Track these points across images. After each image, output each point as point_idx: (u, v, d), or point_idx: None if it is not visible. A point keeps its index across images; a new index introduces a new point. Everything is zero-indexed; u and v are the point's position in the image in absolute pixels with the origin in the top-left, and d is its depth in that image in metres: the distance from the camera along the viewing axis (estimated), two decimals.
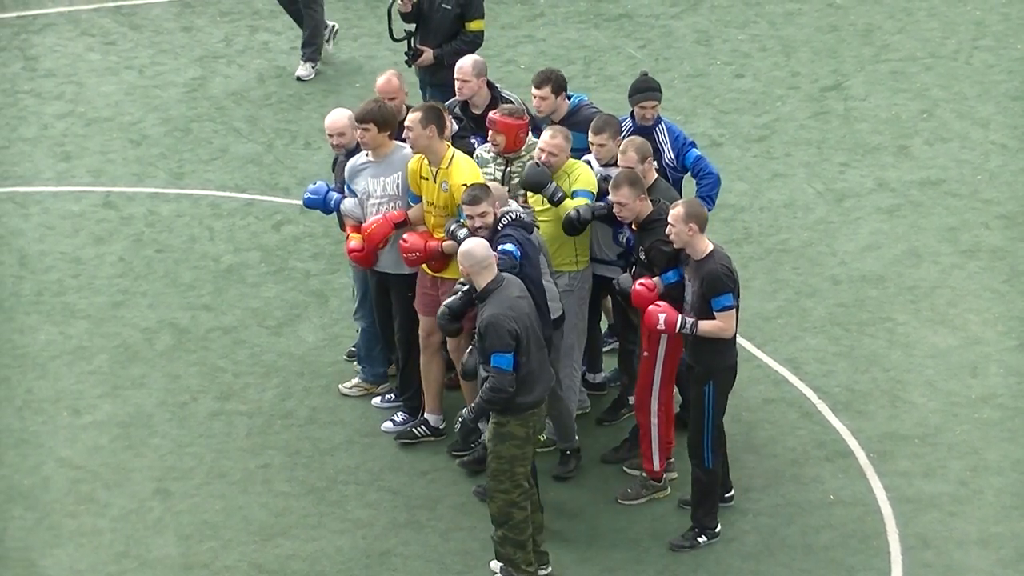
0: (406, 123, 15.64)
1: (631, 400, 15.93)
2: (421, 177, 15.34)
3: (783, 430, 15.96)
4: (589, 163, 16.23)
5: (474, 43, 20.11)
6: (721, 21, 24.15)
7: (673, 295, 14.81)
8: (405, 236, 15.61)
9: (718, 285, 14.64)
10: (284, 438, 16.33)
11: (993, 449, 16.17)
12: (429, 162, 15.36)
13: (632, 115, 16.65)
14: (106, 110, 22.15)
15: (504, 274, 14.41)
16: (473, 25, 20.26)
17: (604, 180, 15.93)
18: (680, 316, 14.43)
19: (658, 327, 14.74)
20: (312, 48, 22.77)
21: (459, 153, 15.76)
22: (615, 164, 15.66)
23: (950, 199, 20.24)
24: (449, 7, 20.09)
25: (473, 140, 16.66)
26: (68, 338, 17.47)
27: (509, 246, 14.83)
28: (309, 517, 15.34)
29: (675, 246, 14.76)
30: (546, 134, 15.61)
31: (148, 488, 15.40)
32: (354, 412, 16.71)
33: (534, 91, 16.68)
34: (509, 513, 14.28)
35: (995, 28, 24.02)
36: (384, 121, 15.80)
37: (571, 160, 15.72)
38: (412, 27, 20.52)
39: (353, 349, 17.32)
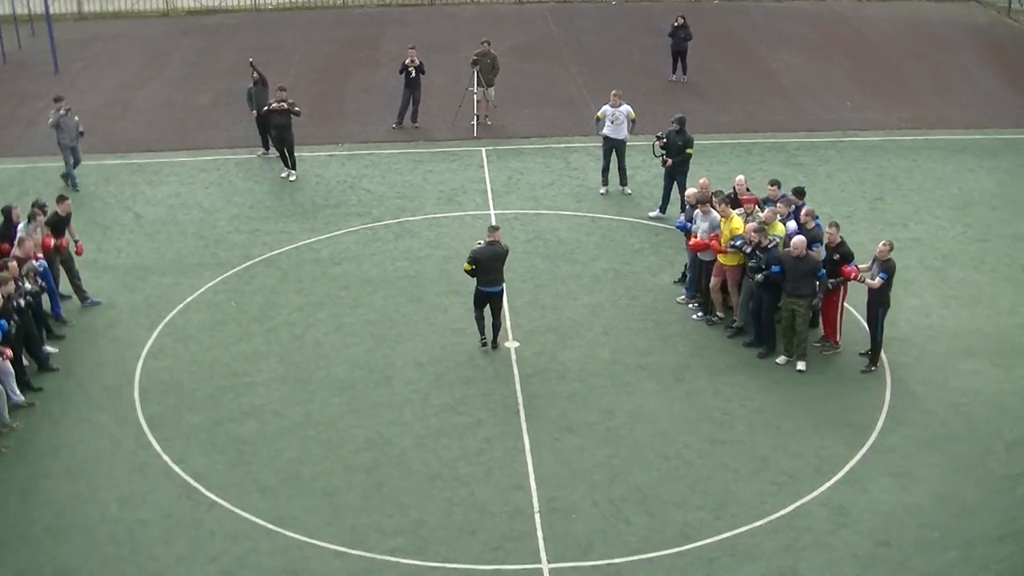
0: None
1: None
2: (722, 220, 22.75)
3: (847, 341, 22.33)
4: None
5: (689, 158, 27.73)
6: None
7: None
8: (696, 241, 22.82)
9: (889, 267, 21.19)
10: (668, 319, 23.74)
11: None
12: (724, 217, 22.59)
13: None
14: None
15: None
16: (689, 150, 27.79)
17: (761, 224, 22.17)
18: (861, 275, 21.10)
19: (854, 277, 21.37)
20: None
21: (735, 215, 22.75)
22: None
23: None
24: (681, 142, 27.48)
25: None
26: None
27: (776, 268, 21.56)
28: (665, 346, 22.91)
29: (878, 254, 21.04)
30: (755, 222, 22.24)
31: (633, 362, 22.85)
32: (685, 313, 24.09)
33: (768, 186, 24.14)
34: None
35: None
36: (707, 202, 23.09)
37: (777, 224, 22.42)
38: (663, 152, 27.66)
39: (677, 280, 24.44)
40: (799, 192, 24.02)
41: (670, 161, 27.92)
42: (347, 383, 22.22)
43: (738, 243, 22.42)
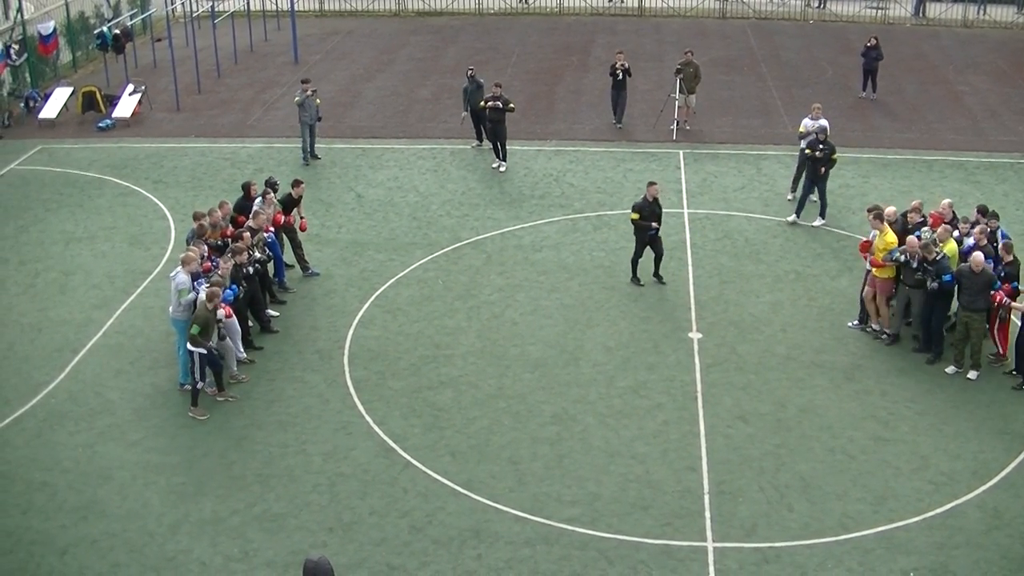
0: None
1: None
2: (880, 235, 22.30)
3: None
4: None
5: (833, 165, 27.67)
6: None
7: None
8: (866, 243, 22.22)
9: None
10: (844, 321, 23.25)
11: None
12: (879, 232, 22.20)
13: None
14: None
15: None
16: (834, 157, 27.81)
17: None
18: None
19: (1000, 303, 20.85)
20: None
21: (889, 230, 22.20)
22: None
23: None
24: (828, 151, 27.50)
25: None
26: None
27: (948, 277, 21.09)
28: (839, 346, 22.29)
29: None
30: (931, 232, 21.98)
31: (778, 330, 23.07)
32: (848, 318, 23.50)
33: (976, 212, 23.55)
34: None
35: None
36: (882, 219, 22.60)
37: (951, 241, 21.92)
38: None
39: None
40: (994, 215, 23.66)
41: (822, 168, 27.91)
42: (539, 361, 22.33)
43: (896, 255, 22.13)
